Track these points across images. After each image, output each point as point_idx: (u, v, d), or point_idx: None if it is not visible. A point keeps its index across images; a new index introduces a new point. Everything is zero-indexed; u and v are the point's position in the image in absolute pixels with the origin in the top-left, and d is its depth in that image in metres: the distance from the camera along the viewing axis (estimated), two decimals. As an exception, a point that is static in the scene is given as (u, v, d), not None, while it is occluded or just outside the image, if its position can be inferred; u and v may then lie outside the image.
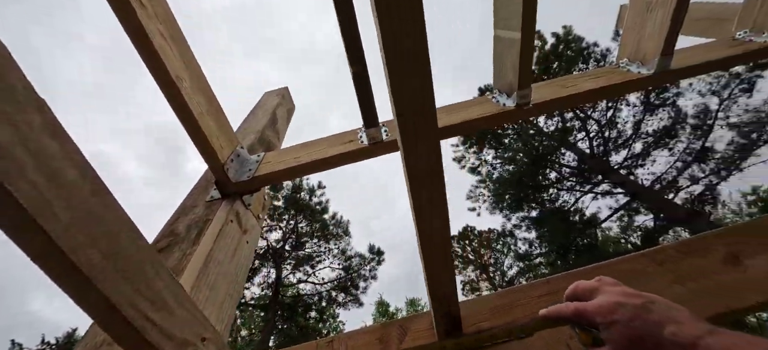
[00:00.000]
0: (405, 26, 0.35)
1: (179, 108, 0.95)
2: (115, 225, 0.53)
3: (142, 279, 0.55)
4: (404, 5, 0.34)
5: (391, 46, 0.35)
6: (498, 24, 1.06)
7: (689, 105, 12.38)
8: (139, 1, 0.85)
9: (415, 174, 0.42)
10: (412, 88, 0.37)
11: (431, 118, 0.39)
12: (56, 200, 0.46)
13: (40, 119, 0.47)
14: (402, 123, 0.39)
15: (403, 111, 0.38)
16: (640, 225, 14.05)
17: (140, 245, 0.56)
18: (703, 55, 1.16)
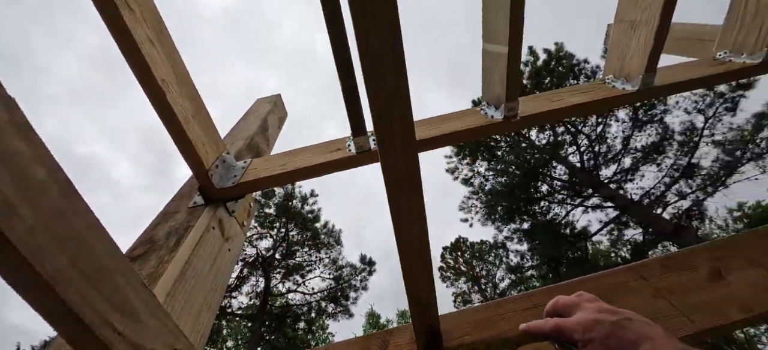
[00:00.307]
0: (381, 37, 0.35)
1: (164, 112, 0.94)
2: (85, 229, 0.51)
3: (111, 287, 0.53)
4: (381, 15, 0.34)
5: (367, 57, 0.35)
6: (486, 37, 1.08)
7: (676, 122, 12.74)
8: (126, 5, 0.84)
9: (393, 182, 0.41)
10: (388, 97, 0.37)
11: (408, 127, 0.38)
12: (21, 201, 0.44)
13: (7, 117, 0.46)
14: (379, 131, 0.39)
15: (381, 119, 0.38)
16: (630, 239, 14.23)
17: (111, 251, 0.54)
18: (685, 73, 1.19)
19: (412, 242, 0.45)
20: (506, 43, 0.95)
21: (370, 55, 0.35)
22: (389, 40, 0.34)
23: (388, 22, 0.34)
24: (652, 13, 1.03)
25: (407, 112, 0.38)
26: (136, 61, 0.86)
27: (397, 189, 0.42)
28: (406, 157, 0.40)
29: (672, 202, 12.73)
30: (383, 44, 0.34)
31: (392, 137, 0.39)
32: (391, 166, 0.40)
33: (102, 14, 0.82)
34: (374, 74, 0.36)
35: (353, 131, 1.04)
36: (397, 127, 0.39)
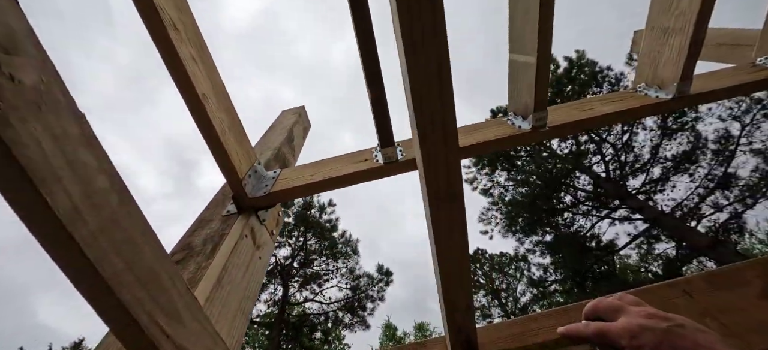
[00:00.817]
0: (429, 61, 0.36)
1: (204, 124, 0.99)
2: (138, 235, 0.54)
3: (159, 290, 0.56)
4: (429, 42, 0.36)
5: (414, 71, 0.36)
6: (513, 48, 1.08)
7: (709, 130, 12.11)
8: (173, 27, 0.90)
9: (435, 194, 0.42)
10: (432, 114, 0.38)
11: (453, 139, 0.39)
12: (86, 208, 0.48)
13: (78, 130, 0.50)
14: (423, 144, 0.40)
15: (424, 134, 0.39)
16: (661, 253, 13.47)
17: (160, 255, 0.57)
18: (723, 80, 1.14)
19: (452, 252, 0.45)
20: (534, 53, 0.94)
21: (417, 77, 0.36)
22: (435, 65, 0.35)
23: (436, 48, 0.35)
24: (687, 19, 1.00)
25: (451, 124, 0.38)
26: (180, 77, 0.92)
27: (438, 199, 0.42)
28: (447, 168, 0.41)
29: (707, 215, 11.99)
30: (431, 68, 0.35)
31: (436, 150, 0.40)
32: (433, 177, 0.41)
33: (152, 35, 0.88)
34: (419, 95, 0.37)
35: (381, 142, 1.05)
36: (439, 140, 0.39)
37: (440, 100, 0.37)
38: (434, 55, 0.36)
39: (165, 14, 0.87)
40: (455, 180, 0.41)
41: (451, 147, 0.39)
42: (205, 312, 0.76)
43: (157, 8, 0.84)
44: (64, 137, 0.48)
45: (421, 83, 0.37)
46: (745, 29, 1.54)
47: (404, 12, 0.36)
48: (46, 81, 0.47)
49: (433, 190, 0.42)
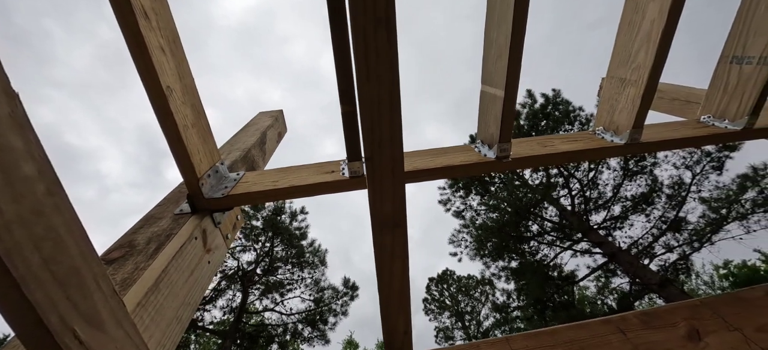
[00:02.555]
0: (381, 88, 0.36)
1: (164, 118, 0.94)
2: (63, 229, 0.50)
3: (80, 291, 0.51)
4: (384, 75, 0.36)
5: (365, 104, 0.36)
6: (485, 80, 1.12)
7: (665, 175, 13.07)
8: (144, 14, 0.87)
9: (379, 221, 0.42)
10: (380, 141, 0.38)
11: (398, 170, 0.40)
12: (4, 196, 0.44)
13: (8, 111, 0.46)
14: (370, 171, 0.40)
15: (372, 161, 0.39)
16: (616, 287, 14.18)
17: (86, 254, 0.53)
18: (671, 132, 1.24)
19: (393, 278, 0.45)
20: (503, 87, 0.99)
21: (368, 102, 0.36)
22: (387, 93, 0.36)
23: (389, 79, 0.35)
24: (641, 74, 1.09)
25: (398, 156, 0.39)
26: (145, 66, 0.88)
27: (381, 225, 0.42)
28: (393, 197, 0.41)
29: (659, 254, 12.82)
30: (382, 95, 0.36)
31: (381, 178, 0.40)
32: (378, 203, 0.41)
33: (118, 19, 0.84)
34: (370, 119, 0.37)
35: (349, 155, 1.05)
36: (386, 170, 0.39)
37: (390, 128, 0.38)
38: (387, 83, 0.36)
39: (136, 0, 0.84)
40: (399, 208, 0.41)
41: (397, 176, 0.39)
42: (135, 318, 0.70)
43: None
44: (-12, 115, 0.44)
45: (373, 109, 0.37)
46: (697, 88, 1.69)
47: (360, 39, 0.36)
48: (-26, 54, 0.44)
49: (377, 217, 0.42)
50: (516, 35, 0.91)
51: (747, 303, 0.85)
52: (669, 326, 0.78)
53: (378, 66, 0.37)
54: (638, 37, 1.11)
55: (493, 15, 1.01)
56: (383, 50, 0.37)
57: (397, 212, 0.41)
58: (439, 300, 24.36)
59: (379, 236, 0.44)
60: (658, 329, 0.77)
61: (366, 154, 0.39)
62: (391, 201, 0.41)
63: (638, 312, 0.83)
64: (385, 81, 0.37)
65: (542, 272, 13.14)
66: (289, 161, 1.90)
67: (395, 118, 0.38)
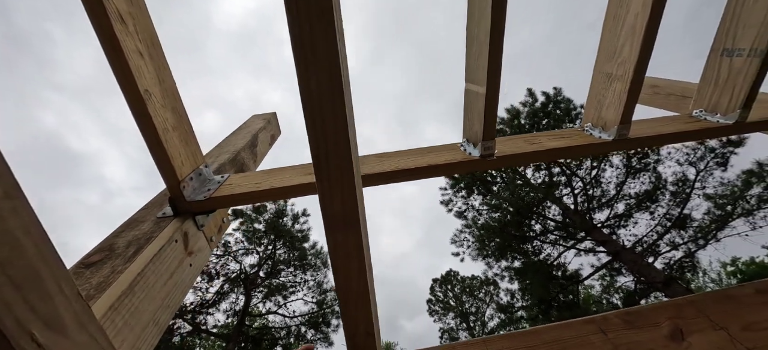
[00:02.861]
0: (321, 77, 0.35)
1: (143, 122, 0.94)
2: (20, 232, 0.49)
3: (39, 294, 0.50)
4: (322, 57, 0.35)
5: (305, 88, 0.35)
6: (468, 77, 1.11)
7: (668, 172, 12.92)
8: (120, 19, 0.86)
9: (330, 219, 0.41)
10: (325, 136, 0.37)
11: (346, 166, 0.38)
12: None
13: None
14: (317, 169, 0.39)
15: (318, 158, 0.38)
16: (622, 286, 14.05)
17: (46, 257, 0.52)
18: (660, 127, 1.22)
19: (350, 280, 0.44)
20: (484, 84, 0.97)
21: (309, 94, 0.35)
22: (328, 81, 0.35)
23: (328, 63, 0.34)
24: (627, 68, 1.07)
25: (345, 151, 0.38)
26: (122, 70, 0.87)
27: (332, 225, 0.41)
28: (343, 193, 0.40)
29: (664, 252, 12.69)
30: (323, 85, 0.35)
31: (328, 175, 0.39)
32: (327, 200, 0.40)
33: (93, 23, 0.84)
34: (312, 114, 0.36)
35: (329, 155, 1.04)
36: (334, 165, 0.38)
37: (334, 123, 0.37)
38: (326, 71, 0.35)
39: (111, 5, 0.84)
40: (351, 206, 0.40)
41: (345, 172, 0.38)
42: (106, 321, 0.70)
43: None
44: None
45: (314, 102, 0.36)
46: (693, 83, 1.67)
47: (295, 26, 0.35)
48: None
49: (328, 215, 0.41)
50: (495, 30, 0.90)
51: (735, 301, 0.83)
52: (652, 325, 0.76)
53: (316, 56, 0.35)
54: (623, 31, 1.09)
55: (473, 11, 1.00)
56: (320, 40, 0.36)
57: (349, 211, 0.40)
58: (443, 301, 24.27)
59: (331, 236, 0.43)
60: (641, 329, 0.75)
61: (312, 151, 0.38)
62: (341, 200, 0.40)
63: (621, 311, 0.81)
64: (324, 71, 0.36)
65: (546, 271, 13.05)
66: (289, 163, 1.89)
67: (339, 112, 0.37)
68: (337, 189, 0.39)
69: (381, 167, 1.09)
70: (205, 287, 12.65)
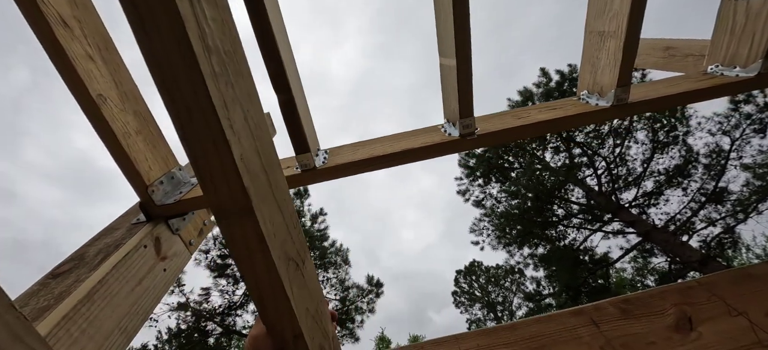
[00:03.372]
0: (164, 40, 0.29)
1: (100, 127, 0.92)
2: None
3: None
4: (160, 13, 0.29)
5: (151, 54, 0.29)
6: (440, 51, 1.02)
7: (700, 144, 12.11)
8: (62, 23, 0.84)
9: (219, 208, 0.35)
10: (187, 102, 0.31)
11: (221, 140, 0.32)
12: None
13: None
14: (189, 150, 0.33)
15: (185, 135, 0.32)
16: (656, 267, 13.34)
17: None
18: (665, 88, 1.09)
19: (259, 279, 0.38)
20: (454, 55, 0.89)
21: (155, 60, 0.29)
22: (174, 43, 0.28)
23: (169, 20, 0.28)
24: (619, 21, 0.95)
25: (217, 129, 0.31)
26: (69, 76, 0.85)
27: (224, 214, 0.35)
28: (228, 183, 0.34)
29: (700, 229, 11.93)
30: (166, 47, 0.28)
31: (206, 161, 0.32)
32: (211, 187, 0.34)
33: (34, 30, 0.81)
34: (164, 82, 0.30)
35: (295, 148, 0.98)
36: (209, 149, 0.32)
37: (194, 91, 0.30)
38: (169, 28, 0.29)
39: (50, 10, 0.81)
40: (237, 191, 0.34)
41: (220, 148, 0.32)
42: (58, 331, 0.67)
43: (38, 3, 0.78)
44: None
45: (162, 68, 0.30)
46: (695, 39, 1.49)
47: None
48: None
49: (216, 207, 0.35)
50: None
51: (758, 281, 0.71)
52: (655, 314, 0.66)
53: (153, 13, 0.29)
54: (614, -18, 0.97)
55: (439, -23, 0.91)
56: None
57: (236, 196, 0.34)
58: (469, 292, 23.98)
59: (226, 230, 0.37)
60: (640, 318, 0.65)
61: (178, 133, 0.32)
62: (226, 185, 0.34)
63: (619, 298, 0.71)
64: (167, 32, 0.29)
65: (572, 257, 12.58)
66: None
67: (196, 78, 0.31)
68: (218, 174, 0.33)
69: (354, 156, 1.02)
70: (231, 290, 13.07)
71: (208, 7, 0.33)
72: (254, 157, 0.37)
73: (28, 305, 0.77)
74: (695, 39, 1.77)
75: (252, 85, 0.49)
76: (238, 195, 0.34)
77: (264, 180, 0.39)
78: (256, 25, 0.80)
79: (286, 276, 0.41)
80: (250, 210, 0.35)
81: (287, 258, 0.41)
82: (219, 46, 0.33)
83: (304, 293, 0.47)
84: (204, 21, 0.31)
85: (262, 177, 0.39)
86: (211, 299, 12.83)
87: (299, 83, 1.01)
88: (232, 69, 0.37)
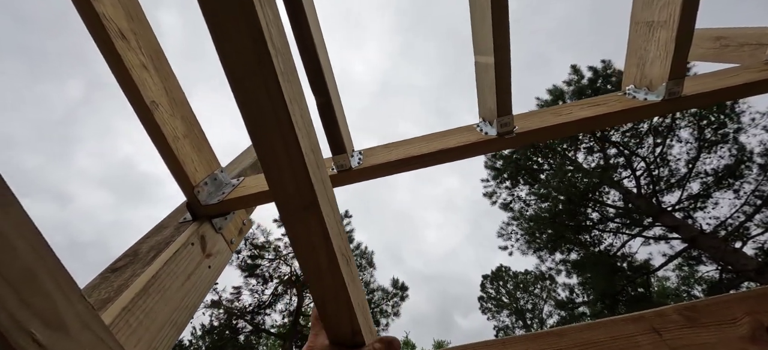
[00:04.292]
0: (241, 33, 0.30)
1: (152, 131, 0.98)
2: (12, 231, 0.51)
3: (36, 293, 0.52)
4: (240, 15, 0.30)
5: (226, 50, 0.31)
6: (476, 49, 1.00)
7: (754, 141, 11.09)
8: (121, 36, 0.91)
9: (284, 203, 0.36)
10: (258, 101, 0.32)
11: (290, 135, 0.33)
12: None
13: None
14: (258, 145, 0.34)
15: (255, 130, 0.33)
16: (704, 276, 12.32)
17: (41, 256, 0.54)
18: (722, 80, 1.00)
19: (321, 274, 0.38)
20: (491, 52, 0.87)
21: (230, 57, 0.31)
22: (249, 40, 0.30)
23: (246, 19, 0.30)
24: (671, 11, 0.89)
25: (287, 124, 0.32)
26: (126, 83, 0.92)
27: (290, 215, 0.36)
28: (295, 177, 0.35)
29: (755, 235, 10.88)
30: (241, 45, 0.30)
31: (274, 156, 0.34)
32: (277, 181, 0.35)
33: (96, 42, 0.89)
34: (239, 88, 0.31)
35: (332, 149, 1.00)
36: (278, 144, 0.33)
37: (266, 88, 0.32)
38: (247, 31, 0.30)
39: (111, 24, 0.88)
40: (304, 186, 0.35)
41: (289, 141, 0.33)
42: (119, 322, 0.72)
43: (101, 18, 0.85)
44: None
45: (237, 68, 0.31)
46: (750, 27, 1.37)
47: None
48: None
49: (281, 202, 0.36)
50: (498, -11, 0.79)
51: None
52: (726, 323, 0.60)
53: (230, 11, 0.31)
54: (664, -31, 0.91)
55: (476, -26, 0.90)
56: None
57: (303, 190, 0.35)
58: (496, 298, 23.29)
59: (289, 225, 0.38)
60: (708, 326, 0.60)
61: (248, 129, 0.34)
62: (293, 180, 0.35)
63: (683, 305, 0.66)
64: (243, 31, 0.31)
65: (608, 263, 11.88)
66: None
67: (269, 75, 0.32)
68: (286, 168, 0.34)
69: (388, 157, 1.03)
70: (261, 289, 13.51)
71: (272, 11, 0.34)
72: (311, 153, 0.38)
73: (91, 296, 0.83)
74: (750, 27, 1.63)
75: (300, 84, 0.50)
76: (304, 190, 0.35)
77: (320, 177, 0.40)
78: (296, 30, 0.83)
79: (346, 273, 0.41)
80: (315, 205, 0.36)
81: (341, 253, 0.42)
82: (279, 47, 0.35)
83: (356, 288, 0.48)
84: (271, 23, 0.33)
85: (319, 173, 0.39)
86: (242, 298, 13.33)
87: (335, 85, 1.03)
88: (289, 68, 0.38)
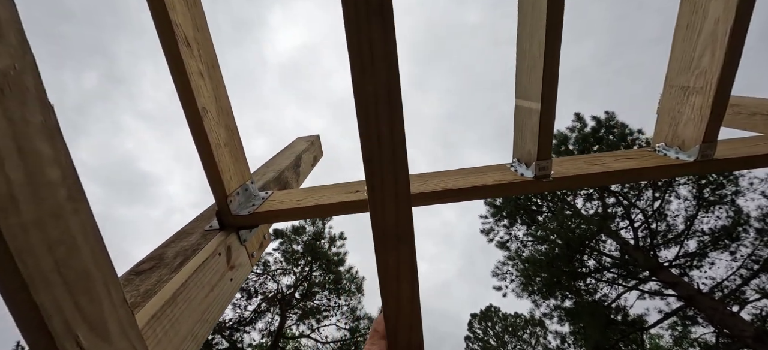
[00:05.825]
0: (376, 80, 0.33)
1: (198, 137, 0.99)
2: (79, 233, 0.51)
3: (88, 297, 0.51)
4: (378, 57, 0.32)
5: (361, 92, 0.33)
6: (519, 94, 1.04)
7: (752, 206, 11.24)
8: (186, 43, 0.94)
9: (381, 234, 0.37)
10: (378, 144, 0.34)
11: (402, 177, 0.35)
12: (26, 197, 0.46)
13: (40, 120, 0.49)
14: (369, 179, 0.36)
15: (371, 165, 0.35)
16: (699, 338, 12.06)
17: (99, 260, 0.53)
18: (752, 148, 1.04)
19: (400, 304, 0.39)
20: (538, 99, 0.90)
21: (364, 98, 0.33)
22: (385, 84, 0.32)
23: (386, 65, 0.32)
24: (708, 79, 0.93)
25: (401, 161, 0.34)
26: (184, 89, 0.94)
27: (385, 239, 0.37)
28: (396, 203, 0.36)
29: (752, 300, 10.77)
30: (379, 88, 0.32)
31: (382, 182, 0.35)
32: (379, 212, 0.36)
33: (163, 46, 0.92)
34: (367, 117, 0.33)
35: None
36: (388, 172, 0.35)
37: (390, 126, 0.33)
38: (384, 72, 0.33)
39: (180, 31, 0.92)
40: (405, 218, 0.35)
41: (400, 178, 0.34)
42: (147, 330, 0.70)
43: (172, 24, 0.88)
44: (22, 123, 0.47)
45: (369, 106, 0.33)
46: (762, 98, 1.43)
47: (353, 31, 0.33)
48: (18, 68, 0.47)
49: (379, 230, 0.36)
50: (550, 40, 0.83)
51: None
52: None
53: (373, 57, 0.33)
54: (701, 39, 0.96)
55: (525, 25, 0.95)
56: (378, 41, 0.34)
57: (402, 224, 0.36)
58: (483, 339, 22.61)
59: (381, 254, 0.38)
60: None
61: (364, 156, 0.35)
62: (395, 211, 0.36)
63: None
64: (381, 73, 0.33)
65: (602, 314, 11.66)
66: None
67: (395, 116, 0.34)
68: (391, 199, 0.35)
69: (424, 187, 1.04)
70: (244, 304, 13.06)
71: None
72: (408, 189, 0.39)
73: (117, 298, 0.81)
74: (763, 97, 1.70)
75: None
76: (403, 221, 0.36)
77: (412, 212, 0.41)
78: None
79: (418, 304, 0.41)
80: (410, 238, 0.36)
81: (418, 292, 0.42)
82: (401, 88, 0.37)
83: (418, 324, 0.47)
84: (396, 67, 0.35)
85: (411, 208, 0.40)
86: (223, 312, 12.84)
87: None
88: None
